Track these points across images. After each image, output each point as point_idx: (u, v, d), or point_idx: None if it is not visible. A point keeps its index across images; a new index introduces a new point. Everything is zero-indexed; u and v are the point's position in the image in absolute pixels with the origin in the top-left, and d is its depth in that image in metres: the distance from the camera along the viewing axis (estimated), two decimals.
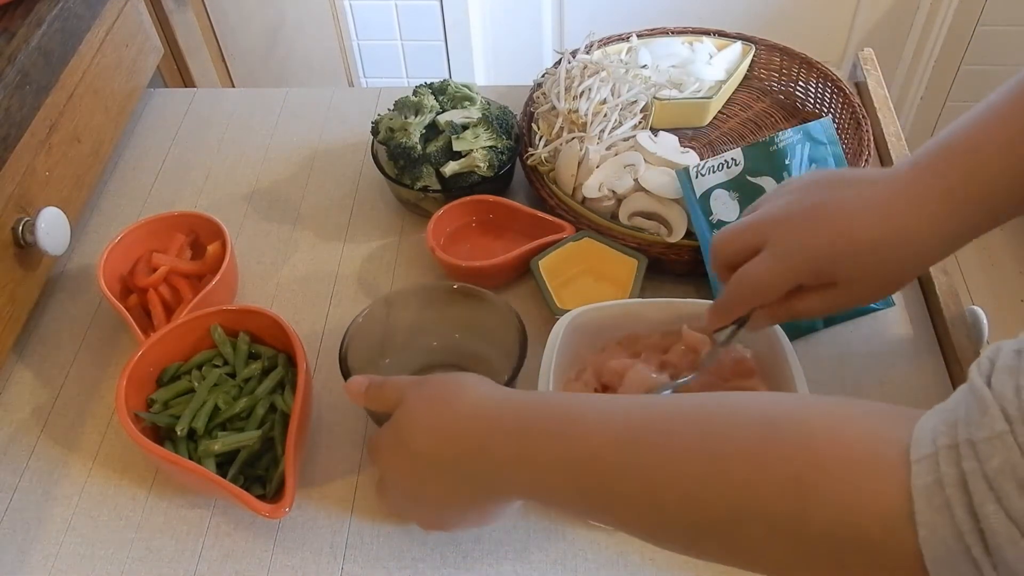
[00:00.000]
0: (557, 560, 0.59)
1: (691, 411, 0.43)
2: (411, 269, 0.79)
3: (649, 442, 0.42)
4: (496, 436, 0.47)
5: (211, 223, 0.76)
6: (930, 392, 0.68)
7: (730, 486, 0.39)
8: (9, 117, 0.67)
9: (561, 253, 0.74)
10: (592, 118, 0.80)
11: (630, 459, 0.42)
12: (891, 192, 0.52)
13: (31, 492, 0.65)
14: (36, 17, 0.72)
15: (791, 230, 0.54)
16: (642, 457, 0.42)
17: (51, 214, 0.70)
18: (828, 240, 0.53)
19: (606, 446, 0.43)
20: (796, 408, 0.40)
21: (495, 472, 0.47)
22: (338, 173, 0.89)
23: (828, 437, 0.37)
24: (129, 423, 0.59)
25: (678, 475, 0.40)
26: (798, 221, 0.54)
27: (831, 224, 0.53)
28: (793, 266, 0.54)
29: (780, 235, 0.54)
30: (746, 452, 0.39)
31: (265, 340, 0.68)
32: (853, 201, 0.53)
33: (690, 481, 0.40)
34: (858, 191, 0.53)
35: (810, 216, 0.54)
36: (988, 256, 1.95)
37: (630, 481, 0.42)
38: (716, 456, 0.40)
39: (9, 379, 0.72)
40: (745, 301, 0.58)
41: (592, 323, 0.67)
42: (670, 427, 0.42)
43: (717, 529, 0.40)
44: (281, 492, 0.59)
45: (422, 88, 0.85)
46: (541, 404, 0.48)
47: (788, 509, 0.37)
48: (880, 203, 0.52)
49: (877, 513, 0.34)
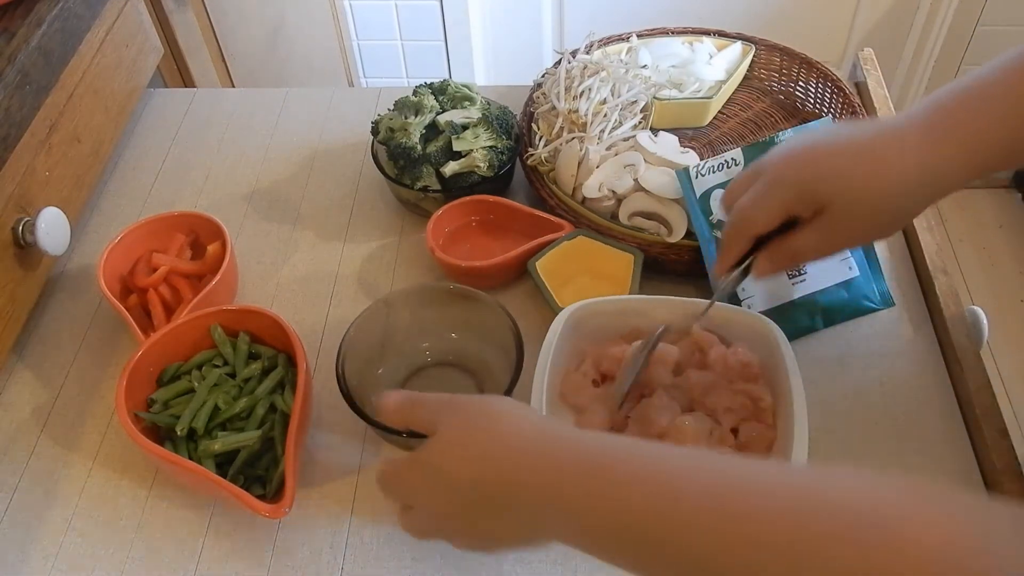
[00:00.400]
0: (557, 560, 0.59)
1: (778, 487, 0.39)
2: (411, 269, 0.79)
3: (736, 512, 0.38)
4: (547, 474, 0.44)
5: (211, 223, 0.76)
6: (930, 392, 0.68)
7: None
8: (9, 117, 0.67)
9: (557, 253, 0.74)
10: (592, 118, 0.80)
11: (718, 525, 0.38)
12: (876, 131, 0.57)
13: (31, 492, 0.65)
14: (36, 17, 0.72)
15: (784, 162, 0.58)
16: (728, 525, 0.38)
17: (51, 214, 0.70)
18: (814, 166, 0.56)
19: (695, 507, 0.39)
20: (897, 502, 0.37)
21: (538, 510, 0.45)
22: (338, 173, 0.89)
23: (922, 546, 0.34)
24: (129, 423, 0.59)
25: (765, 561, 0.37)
26: (791, 157, 0.58)
27: (820, 156, 0.57)
28: (782, 189, 0.57)
29: (773, 166, 0.58)
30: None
31: (265, 340, 0.68)
32: (843, 139, 0.57)
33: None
34: (850, 132, 0.57)
35: (802, 152, 0.58)
36: (988, 256, 1.95)
37: (716, 550, 0.38)
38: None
39: (9, 379, 0.72)
40: (742, 232, 0.59)
41: (591, 318, 0.67)
42: (759, 502, 0.38)
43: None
44: (281, 492, 0.59)
45: (422, 88, 0.85)
46: (609, 446, 0.45)
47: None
48: (867, 139, 0.56)
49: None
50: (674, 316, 0.67)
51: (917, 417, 0.66)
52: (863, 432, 0.65)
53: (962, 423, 0.66)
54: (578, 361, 0.67)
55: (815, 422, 0.64)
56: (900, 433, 0.65)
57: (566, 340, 0.66)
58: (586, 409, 0.64)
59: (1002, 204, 2.07)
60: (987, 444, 0.62)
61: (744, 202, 0.59)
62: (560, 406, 0.66)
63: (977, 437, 0.64)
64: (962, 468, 0.63)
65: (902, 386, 0.68)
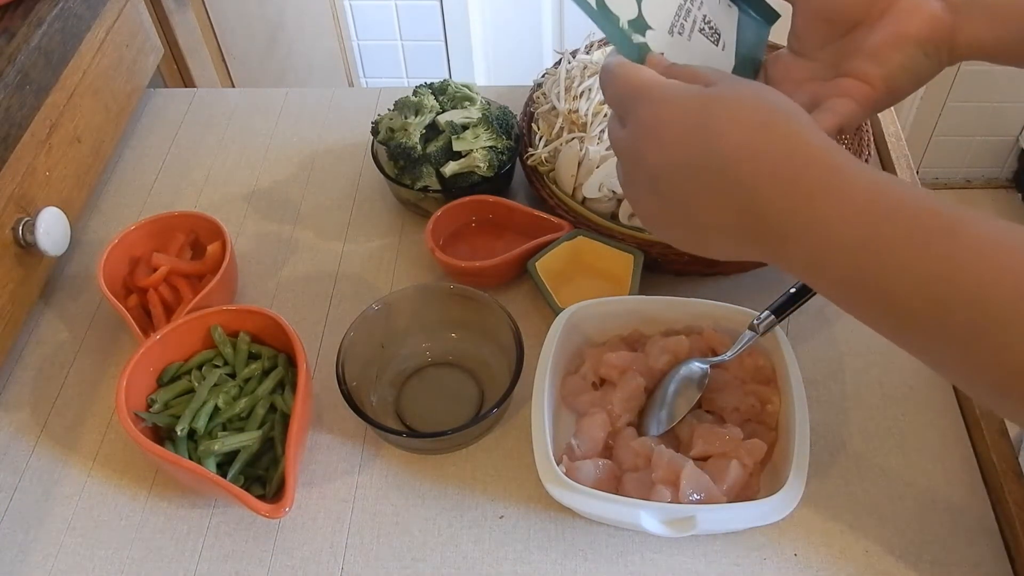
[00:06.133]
0: (557, 560, 0.60)
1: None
2: (411, 269, 0.79)
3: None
4: (832, 181, 0.40)
5: (211, 223, 0.76)
6: (930, 392, 0.68)
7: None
8: (9, 117, 0.67)
9: (557, 253, 0.74)
10: (592, 118, 0.80)
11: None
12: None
13: (31, 492, 0.65)
14: (36, 17, 0.72)
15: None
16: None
17: (51, 214, 0.70)
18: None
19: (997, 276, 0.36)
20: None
21: (798, 220, 0.40)
22: (338, 173, 0.89)
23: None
24: (129, 423, 0.59)
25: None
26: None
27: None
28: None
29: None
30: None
31: (265, 340, 0.68)
32: None
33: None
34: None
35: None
36: None
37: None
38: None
39: (9, 379, 0.72)
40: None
41: (591, 319, 0.67)
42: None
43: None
44: (281, 492, 0.59)
45: (422, 88, 0.85)
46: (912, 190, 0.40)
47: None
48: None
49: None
50: (674, 317, 0.67)
51: (917, 417, 0.66)
52: (863, 432, 0.65)
53: (962, 423, 0.66)
54: (578, 363, 0.67)
55: (815, 422, 0.64)
56: (900, 433, 0.65)
57: (566, 341, 0.66)
58: (586, 413, 0.64)
59: (1002, 204, 2.07)
60: (987, 444, 0.62)
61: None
62: (561, 408, 0.66)
63: (977, 437, 0.64)
64: (962, 468, 0.63)
65: (902, 386, 0.68)
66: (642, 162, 0.46)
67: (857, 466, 0.63)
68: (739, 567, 0.59)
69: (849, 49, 0.54)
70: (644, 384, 0.64)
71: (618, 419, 0.63)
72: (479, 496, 0.63)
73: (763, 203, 0.42)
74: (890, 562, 0.58)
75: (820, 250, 0.41)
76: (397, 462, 0.65)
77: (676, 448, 0.61)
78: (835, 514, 0.61)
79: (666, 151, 0.44)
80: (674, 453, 0.59)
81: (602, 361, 0.65)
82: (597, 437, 0.62)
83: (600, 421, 0.62)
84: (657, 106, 0.45)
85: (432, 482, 0.64)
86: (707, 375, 0.63)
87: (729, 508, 0.57)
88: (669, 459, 0.58)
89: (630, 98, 0.47)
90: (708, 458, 0.60)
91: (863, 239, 0.39)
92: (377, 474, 0.65)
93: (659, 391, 0.64)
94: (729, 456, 0.59)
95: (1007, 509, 0.59)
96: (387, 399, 0.68)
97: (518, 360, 0.63)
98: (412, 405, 0.68)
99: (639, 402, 0.64)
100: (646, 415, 0.63)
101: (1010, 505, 0.59)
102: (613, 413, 0.63)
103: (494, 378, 0.68)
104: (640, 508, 0.55)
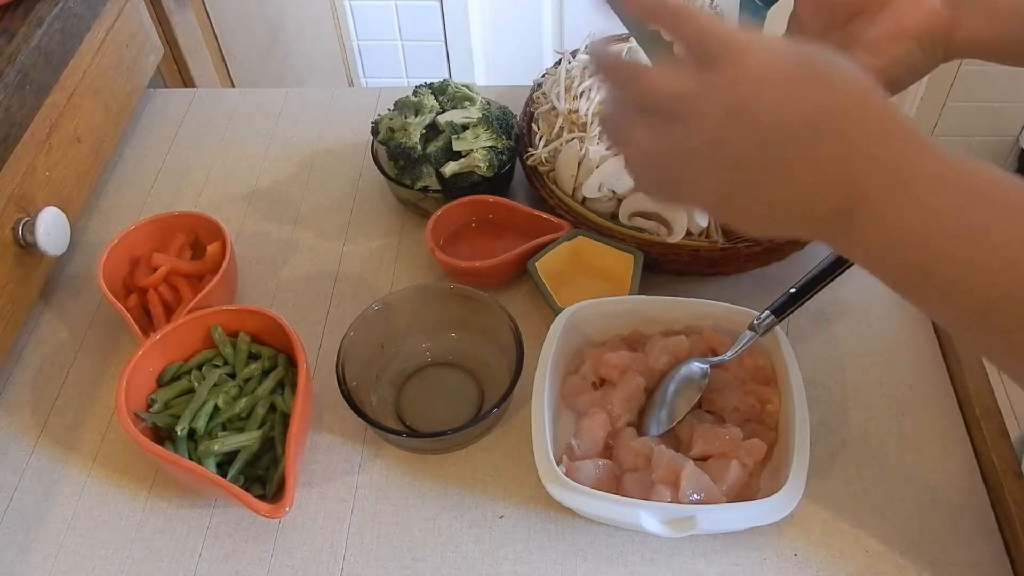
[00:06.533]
0: (557, 560, 0.60)
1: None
2: (411, 269, 0.79)
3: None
4: (909, 153, 0.38)
5: (211, 223, 0.76)
6: (930, 392, 0.68)
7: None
8: (9, 117, 0.67)
9: (557, 253, 0.74)
10: (592, 118, 0.80)
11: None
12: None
13: (31, 492, 0.65)
14: (36, 17, 0.72)
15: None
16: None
17: (51, 214, 0.70)
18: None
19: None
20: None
21: (897, 198, 0.38)
22: (338, 173, 0.89)
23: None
24: (129, 423, 0.59)
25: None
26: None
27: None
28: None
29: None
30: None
31: (265, 340, 0.68)
32: None
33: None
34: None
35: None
36: None
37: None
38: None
39: (9, 379, 0.72)
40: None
41: (591, 319, 0.67)
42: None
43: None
44: (281, 492, 0.59)
45: (422, 88, 0.85)
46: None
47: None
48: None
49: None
50: (674, 317, 0.67)
51: (917, 417, 0.66)
52: (863, 432, 0.65)
53: (962, 423, 0.66)
54: (578, 363, 0.67)
55: (815, 422, 0.64)
56: (900, 433, 0.65)
57: (566, 341, 0.66)
58: (586, 413, 0.64)
59: None
60: (987, 444, 0.62)
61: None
62: (561, 408, 0.66)
63: (977, 437, 0.64)
64: (962, 468, 0.63)
65: (902, 386, 0.68)
66: (748, 118, 0.39)
67: (857, 466, 0.63)
68: (739, 567, 0.59)
69: (848, 39, 0.54)
70: (644, 384, 0.64)
71: (618, 419, 0.63)
72: (479, 496, 0.63)
73: (865, 171, 0.38)
74: (890, 562, 0.58)
75: (909, 230, 0.38)
76: (397, 462, 0.65)
77: (676, 448, 0.61)
78: (835, 514, 0.61)
79: (783, 105, 0.39)
80: (674, 453, 0.59)
81: (602, 361, 0.65)
82: (597, 437, 0.62)
83: (600, 421, 0.62)
84: (766, 54, 0.39)
85: (432, 482, 0.64)
86: (707, 375, 0.63)
87: (729, 508, 0.57)
88: (669, 459, 0.58)
89: (724, 43, 0.40)
90: (708, 458, 0.60)
91: (963, 228, 0.37)
92: (377, 474, 0.65)
93: (659, 391, 0.64)
94: (729, 456, 0.59)
95: (1007, 509, 0.59)
96: (387, 399, 0.68)
97: (518, 360, 0.64)
98: (412, 405, 0.68)
99: (639, 402, 0.64)
100: (646, 415, 0.63)
101: (1010, 505, 0.59)
102: (613, 413, 0.63)
103: (494, 378, 0.68)
104: (640, 508, 0.55)
